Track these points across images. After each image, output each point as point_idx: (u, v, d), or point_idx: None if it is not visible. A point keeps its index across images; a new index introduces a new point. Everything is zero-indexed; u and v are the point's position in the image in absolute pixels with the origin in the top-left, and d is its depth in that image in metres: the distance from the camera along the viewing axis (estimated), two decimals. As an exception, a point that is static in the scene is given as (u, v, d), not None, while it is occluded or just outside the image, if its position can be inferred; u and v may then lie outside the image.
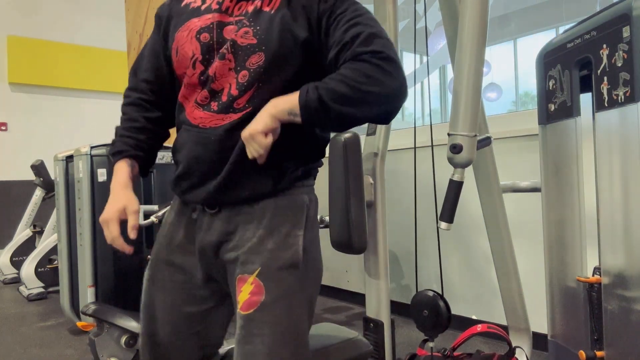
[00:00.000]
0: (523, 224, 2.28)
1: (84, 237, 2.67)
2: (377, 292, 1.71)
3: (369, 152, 1.73)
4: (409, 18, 3.85)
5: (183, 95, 1.05)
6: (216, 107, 1.00)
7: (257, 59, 0.98)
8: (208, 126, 1.00)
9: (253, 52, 0.98)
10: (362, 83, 0.91)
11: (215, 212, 1.02)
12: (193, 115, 1.02)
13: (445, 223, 1.42)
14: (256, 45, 0.98)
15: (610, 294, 1.02)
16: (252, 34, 0.99)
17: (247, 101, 0.99)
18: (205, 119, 1.00)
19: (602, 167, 1.04)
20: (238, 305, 0.98)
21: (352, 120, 0.96)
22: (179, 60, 1.04)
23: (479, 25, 1.38)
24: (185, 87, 1.05)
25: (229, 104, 0.99)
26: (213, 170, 1.00)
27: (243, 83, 0.99)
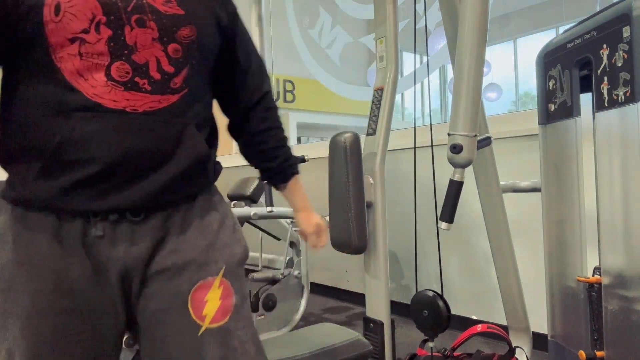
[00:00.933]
0: (523, 224, 2.28)
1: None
2: (377, 292, 1.71)
3: (369, 152, 1.73)
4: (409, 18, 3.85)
5: (71, 70, 0.76)
6: (148, 86, 0.79)
7: (189, 33, 0.83)
8: (140, 110, 0.78)
9: (182, 24, 0.83)
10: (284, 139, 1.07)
11: (142, 219, 0.81)
12: (111, 97, 0.76)
13: (445, 223, 1.42)
14: (184, 17, 0.83)
15: (610, 294, 1.02)
16: (177, 3, 0.83)
17: (183, 81, 0.83)
18: (135, 101, 0.78)
19: (602, 167, 1.04)
20: (205, 320, 0.81)
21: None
22: (65, 21, 0.74)
23: (479, 25, 1.38)
24: (75, 58, 0.75)
25: (164, 82, 0.80)
26: (150, 166, 0.80)
27: (177, 59, 0.82)
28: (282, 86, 8.62)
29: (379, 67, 1.80)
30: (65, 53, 0.75)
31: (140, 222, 0.81)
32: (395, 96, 1.77)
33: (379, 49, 1.80)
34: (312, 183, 3.35)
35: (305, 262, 2.53)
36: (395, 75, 1.75)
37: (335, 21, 6.62)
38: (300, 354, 1.25)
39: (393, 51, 1.75)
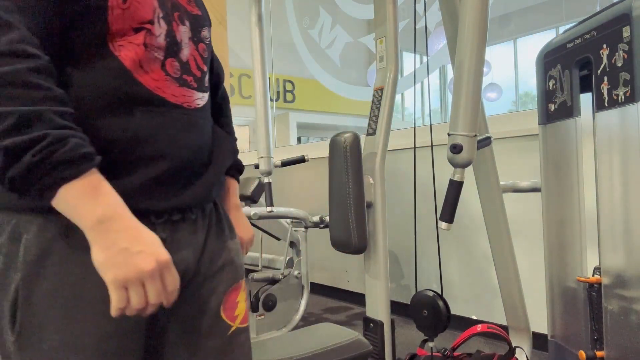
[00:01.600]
0: (523, 224, 2.28)
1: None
2: (377, 292, 1.71)
3: (369, 152, 1.73)
4: (409, 18, 3.85)
5: (133, 60, 0.70)
6: (194, 83, 0.78)
7: (207, 34, 0.83)
8: (193, 107, 0.77)
9: (203, 24, 0.83)
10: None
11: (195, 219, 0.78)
12: (171, 92, 0.74)
13: (445, 223, 1.42)
14: (203, 17, 0.83)
15: (610, 294, 1.02)
16: (195, 4, 0.82)
17: (208, 80, 0.85)
18: (189, 97, 0.77)
19: (602, 167, 1.04)
20: (236, 320, 0.81)
21: None
22: (132, 8, 0.69)
23: (479, 25, 1.38)
24: (139, 49, 0.70)
25: (201, 80, 0.81)
26: (208, 161, 0.81)
27: (206, 58, 0.83)
28: (282, 86, 8.62)
29: (379, 67, 1.80)
30: (126, 42, 0.69)
31: (195, 221, 0.77)
32: (395, 96, 1.77)
33: (379, 49, 1.80)
34: (312, 183, 3.36)
35: (305, 262, 2.53)
36: (395, 75, 1.75)
37: (335, 21, 6.63)
38: (300, 354, 1.25)
39: (393, 51, 1.75)
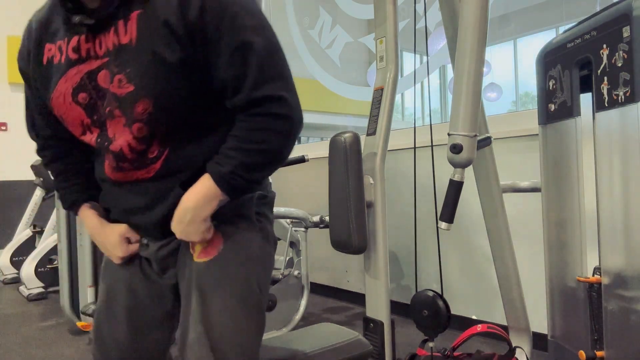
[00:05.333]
0: (523, 224, 2.28)
1: (84, 237, 2.66)
2: (377, 292, 1.71)
3: (369, 152, 1.73)
4: (409, 18, 3.85)
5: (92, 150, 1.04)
6: (131, 166, 0.95)
7: (144, 107, 0.88)
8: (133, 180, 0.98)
9: (135, 100, 0.88)
10: (262, 143, 0.92)
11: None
12: (114, 176, 0.99)
13: (445, 223, 1.42)
14: (135, 92, 0.87)
15: (610, 294, 1.02)
16: (126, 79, 0.87)
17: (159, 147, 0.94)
18: (129, 176, 0.97)
19: (602, 167, 1.04)
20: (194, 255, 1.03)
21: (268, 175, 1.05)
22: (71, 128, 0.98)
23: (479, 25, 1.38)
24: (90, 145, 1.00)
25: (141, 159, 0.95)
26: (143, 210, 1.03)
27: (143, 136, 0.92)
28: (282, 86, 8.60)
29: (379, 67, 1.80)
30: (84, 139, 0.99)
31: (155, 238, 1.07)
32: (395, 96, 1.77)
33: (379, 49, 1.80)
34: (312, 183, 3.35)
35: (305, 262, 2.53)
36: (395, 75, 1.75)
37: (335, 21, 6.63)
38: (300, 354, 1.25)
39: (393, 51, 1.75)
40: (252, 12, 0.90)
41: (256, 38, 0.89)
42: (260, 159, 0.94)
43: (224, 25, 0.87)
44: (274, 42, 0.92)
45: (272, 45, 0.92)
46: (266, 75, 0.90)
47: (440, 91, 10.09)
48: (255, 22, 0.90)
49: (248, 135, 0.92)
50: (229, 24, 0.87)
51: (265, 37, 0.90)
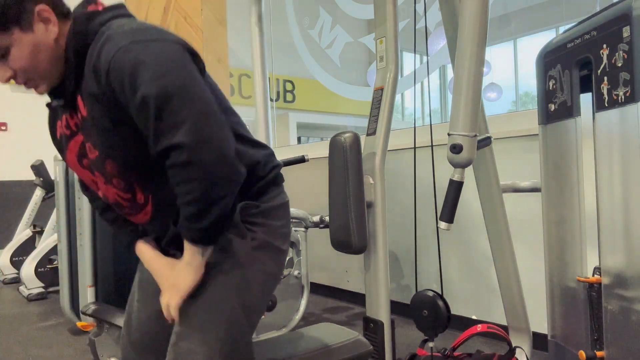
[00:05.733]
0: (523, 224, 2.28)
1: (84, 237, 2.67)
2: (377, 292, 1.71)
3: (369, 152, 1.73)
4: (409, 18, 3.85)
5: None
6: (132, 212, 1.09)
7: (111, 166, 1.00)
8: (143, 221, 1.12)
9: (103, 161, 1.00)
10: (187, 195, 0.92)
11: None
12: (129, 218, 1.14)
13: (445, 223, 1.42)
14: (100, 156, 1.00)
15: (610, 294, 1.02)
16: (93, 146, 1.01)
17: (142, 194, 1.05)
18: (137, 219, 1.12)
19: (602, 167, 1.04)
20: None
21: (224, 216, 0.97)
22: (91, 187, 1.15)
23: (479, 25, 1.38)
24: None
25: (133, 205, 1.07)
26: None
27: (123, 187, 1.03)
28: (282, 86, 8.62)
29: (379, 67, 1.80)
30: None
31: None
32: (395, 96, 1.77)
33: (379, 49, 1.80)
34: (312, 183, 3.35)
35: (305, 262, 2.53)
36: (395, 75, 1.75)
37: (335, 21, 6.63)
38: (300, 354, 1.25)
39: (393, 51, 1.75)
40: (150, 64, 0.90)
41: (151, 90, 0.88)
42: (195, 209, 0.93)
43: (125, 85, 0.90)
44: (169, 89, 0.89)
45: (167, 92, 0.89)
46: (163, 125, 0.89)
47: (440, 91, 10.09)
48: (151, 73, 0.89)
49: (177, 190, 0.93)
50: (129, 83, 0.90)
51: (160, 86, 0.89)
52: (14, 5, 0.93)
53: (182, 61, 0.93)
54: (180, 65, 0.93)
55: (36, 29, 0.96)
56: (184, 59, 0.94)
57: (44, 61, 0.98)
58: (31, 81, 1.00)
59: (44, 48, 0.98)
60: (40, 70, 0.99)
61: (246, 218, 1.08)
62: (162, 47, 0.93)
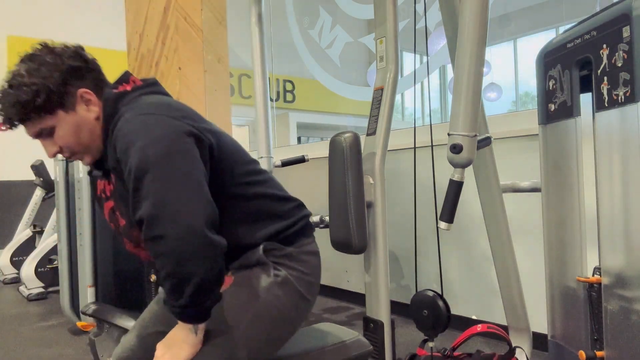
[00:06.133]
0: (523, 224, 2.28)
1: (84, 237, 2.67)
2: (377, 292, 1.71)
3: (369, 152, 1.73)
4: (409, 18, 3.85)
5: None
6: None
7: (137, 233, 1.00)
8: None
9: (129, 230, 1.09)
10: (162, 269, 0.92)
11: None
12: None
13: (445, 223, 1.42)
14: (126, 224, 1.09)
15: (610, 294, 1.02)
16: (120, 215, 1.10)
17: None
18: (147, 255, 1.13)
19: (602, 167, 1.04)
20: None
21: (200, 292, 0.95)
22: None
23: (479, 25, 1.38)
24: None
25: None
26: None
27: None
28: (282, 86, 8.62)
29: (378, 67, 1.80)
30: None
31: None
32: (395, 96, 1.77)
33: (379, 49, 1.80)
34: (312, 183, 3.35)
35: (305, 262, 2.52)
36: (395, 75, 1.75)
37: (335, 21, 6.62)
38: (300, 353, 1.25)
39: (393, 51, 1.75)
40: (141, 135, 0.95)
41: (134, 160, 0.93)
42: (169, 285, 0.93)
43: (122, 154, 0.97)
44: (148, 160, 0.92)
45: (146, 164, 0.91)
46: (137, 196, 0.92)
47: (440, 91, 10.08)
48: (140, 143, 0.93)
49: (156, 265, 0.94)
50: (125, 152, 0.96)
51: (141, 157, 0.92)
52: (58, 90, 1.02)
53: (174, 136, 0.96)
54: (168, 140, 0.95)
55: (78, 109, 1.06)
56: (178, 135, 0.96)
57: (86, 137, 1.07)
58: (76, 155, 1.10)
59: (86, 126, 1.07)
60: (83, 146, 1.08)
61: (271, 259, 1.11)
62: (160, 121, 0.98)
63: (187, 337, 0.98)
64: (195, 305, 0.95)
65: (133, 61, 5.41)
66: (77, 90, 1.05)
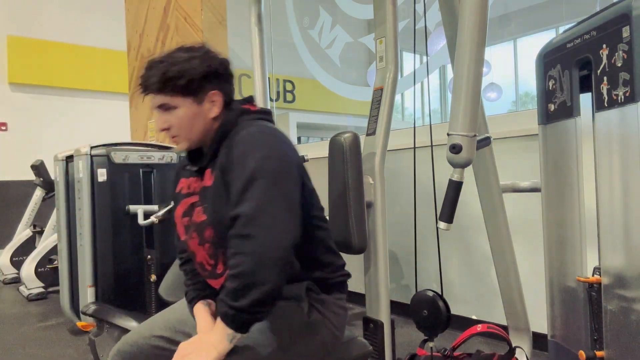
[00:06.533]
0: (523, 224, 2.28)
1: (84, 237, 2.67)
2: (377, 292, 1.71)
3: (369, 152, 1.73)
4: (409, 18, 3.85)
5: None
6: (207, 274, 1.22)
7: (210, 233, 1.15)
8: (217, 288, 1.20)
9: (205, 227, 1.15)
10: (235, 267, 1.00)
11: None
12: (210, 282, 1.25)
13: (445, 223, 1.42)
14: (205, 221, 1.16)
15: (610, 294, 1.02)
16: (202, 210, 1.17)
17: (223, 266, 1.15)
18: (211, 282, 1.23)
19: (602, 167, 1.04)
20: None
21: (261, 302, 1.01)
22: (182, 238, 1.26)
23: (479, 25, 1.38)
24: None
25: (213, 271, 1.19)
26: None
27: (212, 253, 1.17)
28: (282, 86, 8.62)
29: (378, 67, 1.80)
30: None
31: None
32: (395, 96, 1.77)
33: (379, 49, 1.80)
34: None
35: (305, 262, 2.52)
36: (395, 75, 1.75)
37: (335, 21, 6.62)
38: (300, 354, 1.25)
39: (393, 51, 1.75)
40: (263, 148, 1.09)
41: (249, 165, 1.06)
42: (237, 284, 0.99)
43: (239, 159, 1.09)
44: (267, 169, 1.05)
45: (263, 171, 1.04)
46: (244, 197, 1.03)
47: (440, 91, 10.08)
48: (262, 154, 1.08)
49: (230, 261, 1.02)
50: (241, 157, 1.09)
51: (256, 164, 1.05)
52: (198, 82, 1.17)
53: (287, 160, 1.12)
54: (283, 162, 1.10)
55: (204, 105, 1.19)
56: (290, 162, 1.12)
57: (196, 129, 1.19)
58: (178, 137, 1.20)
59: (202, 120, 1.19)
60: (189, 134, 1.20)
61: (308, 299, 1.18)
62: (279, 144, 1.13)
63: (220, 344, 1.02)
64: (251, 313, 1.01)
65: (133, 61, 5.41)
66: (211, 90, 1.19)
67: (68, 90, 6.91)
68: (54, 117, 6.64)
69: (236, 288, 0.99)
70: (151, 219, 2.59)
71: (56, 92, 6.83)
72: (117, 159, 2.73)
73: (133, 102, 5.37)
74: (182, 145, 1.22)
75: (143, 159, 2.85)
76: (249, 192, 1.02)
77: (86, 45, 7.06)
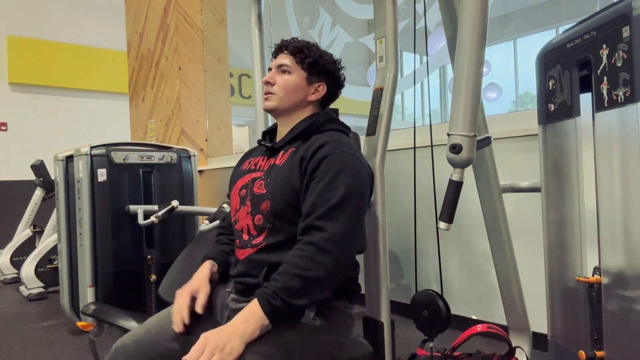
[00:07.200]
0: (523, 224, 2.28)
1: (84, 237, 2.67)
2: (377, 292, 1.71)
3: (369, 152, 1.73)
4: (409, 18, 3.85)
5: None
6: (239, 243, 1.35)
7: (266, 205, 1.27)
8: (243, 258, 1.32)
9: (263, 199, 1.27)
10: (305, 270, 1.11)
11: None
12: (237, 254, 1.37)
13: (445, 223, 1.42)
14: (265, 194, 1.28)
15: (610, 294, 1.02)
16: (264, 185, 1.30)
17: (263, 239, 1.28)
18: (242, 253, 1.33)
19: (602, 167, 1.04)
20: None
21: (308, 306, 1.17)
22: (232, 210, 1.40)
23: (479, 25, 1.38)
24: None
25: (249, 241, 1.31)
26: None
27: (259, 225, 1.28)
28: (282, 86, 8.61)
29: (378, 67, 1.80)
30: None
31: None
32: (395, 96, 1.77)
33: (379, 49, 1.80)
34: (312, 183, 3.34)
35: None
36: (395, 75, 1.75)
37: (335, 21, 6.63)
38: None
39: (393, 51, 1.75)
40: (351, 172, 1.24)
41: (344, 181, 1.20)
42: (301, 284, 1.10)
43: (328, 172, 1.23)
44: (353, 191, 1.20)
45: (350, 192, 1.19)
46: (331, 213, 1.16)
47: (440, 91, 10.09)
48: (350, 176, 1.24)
49: (296, 261, 1.13)
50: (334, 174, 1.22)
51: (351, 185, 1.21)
52: (319, 68, 1.46)
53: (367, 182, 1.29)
54: (364, 183, 1.28)
55: (310, 87, 1.44)
56: (367, 182, 1.30)
57: (292, 98, 1.41)
58: (272, 95, 1.40)
59: (300, 94, 1.42)
60: (283, 97, 1.39)
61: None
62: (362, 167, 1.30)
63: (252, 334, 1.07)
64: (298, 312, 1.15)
65: (133, 61, 5.41)
66: (323, 81, 1.46)
67: (68, 90, 6.91)
68: (54, 117, 6.64)
69: (297, 288, 1.09)
70: (151, 219, 2.59)
71: (56, 92, 6.83)
72: (117, 158, 2.73)
73: (133, 102, 5.36)
74: (270, 103, 1.39)
75: (143, 159, 2.86)
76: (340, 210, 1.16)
77: (86, 45, 7.06)
